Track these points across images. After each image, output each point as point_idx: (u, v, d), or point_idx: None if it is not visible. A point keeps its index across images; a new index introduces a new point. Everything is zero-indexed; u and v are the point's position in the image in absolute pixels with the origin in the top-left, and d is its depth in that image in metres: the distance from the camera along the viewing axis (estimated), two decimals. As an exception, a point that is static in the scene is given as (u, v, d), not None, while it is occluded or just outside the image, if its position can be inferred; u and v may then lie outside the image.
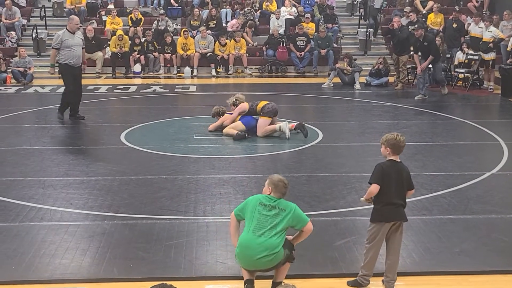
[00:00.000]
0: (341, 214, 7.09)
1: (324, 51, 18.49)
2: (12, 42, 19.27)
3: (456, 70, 16.57)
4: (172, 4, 21.02)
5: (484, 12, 19.85)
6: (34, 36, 19.27)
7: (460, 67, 16.52)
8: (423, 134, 11.11)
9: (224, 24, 20.01)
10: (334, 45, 19.17)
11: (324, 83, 16.67)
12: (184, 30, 19.04)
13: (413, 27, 16.30)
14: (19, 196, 7.66)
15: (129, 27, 19.67)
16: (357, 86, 16.22)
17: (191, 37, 19.00)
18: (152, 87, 16.48)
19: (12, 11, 19.79)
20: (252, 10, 20.54)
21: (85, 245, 6.21)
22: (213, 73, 18.61)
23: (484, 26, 16.31)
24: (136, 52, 18.70)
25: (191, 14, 20.04)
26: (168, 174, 8.59)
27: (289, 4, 20.45)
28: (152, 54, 18.78)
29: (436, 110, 13.28)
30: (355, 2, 21.74)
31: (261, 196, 5.27)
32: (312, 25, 19.58)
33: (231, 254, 5.86)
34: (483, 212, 7.16)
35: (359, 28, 20.53)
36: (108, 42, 19.07)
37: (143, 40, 18.97)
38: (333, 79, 16.67)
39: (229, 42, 18.85)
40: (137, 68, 18.64)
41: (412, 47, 15.52)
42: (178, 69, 18.82)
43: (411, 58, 16.22)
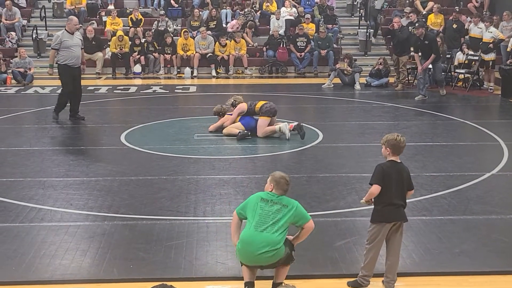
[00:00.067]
0: (341, 214, 7.10)
1: (324, 51, 18.48)
2: (12, 42, 19.27)
3: (456, 70, 16.56)
4: (172, 5, 21.01)
5: (484, 12, 19.86)
6: (34, 36, 19.26)
7: (460, 68, 16.51)
8: (423, 135, 11.11)
9: (224, 25, 20.00)
10: (334, 45, 19.17)
11: (324, 83, 16.67)
12: (184, 30, 19.04)
13: (414, 27, 16.29)
14: (19, 197, 7.66)
15: (129, 27, 19.67)
16: (357, 86, 16.22)
17: (191, 38, 19.01)
18: (152, 88, 16.47)
19: (12, 11, 19.78)
20: (252, 11, 20.54)
21: (85, 245, 6.21)
22: (213, 73, 18.61)
23: (484, 27, 16.30)
24: (136, 53, 18.70)
25: (191, 15, 20.04)
26: (168, 175, 8.59)
27: (289, 5, 20.45)
28: (152, 54, 18.77)
29: (436, 110, 13.28)
30: (355, 3, 21.74)
31: (262, 193, 5.27)
32: (312, 26, 19.58)
33: (231, 255, 5.87)
34: (483, 212, 7.17)
35: (359, 28, 20.53)
36: (108, 43, 19.07)
37: (143, 40, 18.97)
38: (333, 79, 16.67)
39: (229, 42, 18.85)
40: (137, 68, 18.63)
41: (412, 47, 15.50)
42: (178, 70, 18.82)
43: (411, 58, 16.21)
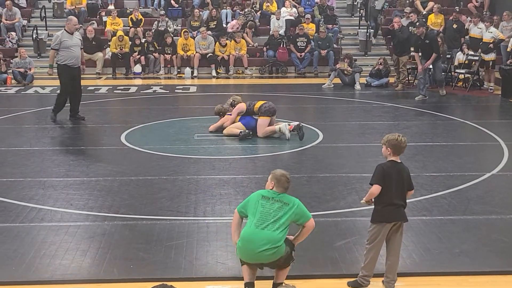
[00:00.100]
0: (341, 214, 7.10)
1: (325, 51, 18.48)
2: (12, 42, 19.27)
3: (456, 70, 16.55)
4: (173, 5, 21.00)
5: (484, 12, 19.86)
6: (34, 36, 19.26)
7: (460, 68, 16.50)
8: (423, 135, 11.11)
9: (224, 25, 20.01)
10: (335, 45, 19.17)
11: (324, 83, 16.67)
12: (185, 30, 19.04)
13: (414, 28, 16.29)
14: (19, 197, 7.66)
15: (129, 27, 19.67)
16: (357, 86, 16.22)
17: (192, 38, 19.01)
18: (152, 88, 16.47)
19: (13, 11, 19.78)
20: (252, 11, 20.53)
21: (86, 245, 6.22)
22: (214, 73, 18.60)
23: (484, 27, 16.30)
24: (137, 53, 18.70)
25: (192, 15, 20.04)
26: (168, 175, 8.59)
27: (289, 5, 20.45)
28: (152, 54, 18.77)
29: (436, 110, 13.28)
30: (356, 3, 21.74)
31: (263, 191, 5.26)
32: (312, 26, 19.57)
33: (231, 255, 5.87)
34: (483, 212, 7.17)
35: (359, 29, 20.53)
36: (109, 43, 19.06)
37: (143, 40, 18.96)
38: (334, 79, 16.67)
39: (230, 42, 18.85)
40: (138, 68, 18.63)
41: (413, 47, 15.49)
42: (179, 70, 18.81)
43: (411, 58, 16.21)
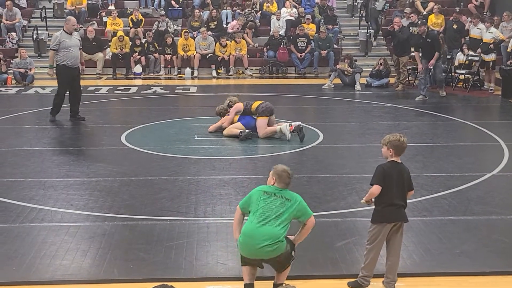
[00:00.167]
0: (341, 215, 7.10)
1: (325, 52, 18.48)
2: (12, 43, 19.27)
3: (457, 71, 16.55)
4: (173, 5, 21.02)
5: (485, 13, 19.86)
6: (34, 37, 19.26)
7: (460, 68, 16.50)
8: (423, 135, 11.11)
9: (224, 25, 20.01)
10: (335, 46, 19.18)
11: (324, 84, 16.68)
12: (185, 31, 19.05)
13: (415, 28, 16.28)
14: (19, 197, 7.66)
15: (129, 28, 19.68)
16: (357, 87, 16.22)
17: (192, 38, 19.01)
18: (152, 88, 16.47)
19: (13, 12, 19.78)
20: (252, 11, 20.53)
21: (86, 246, 6.22)
22: (214, 74, 18.61)
23: (485, 27, 16.30)
24: (137, 53, 18.70)
25: (192, 15, 20.04)
26: (168, 175, 8.59)
27: (289, 5, 20.46)
28: (152, 55, 18.78)
29: (437, 111, 13.28)
30: (356, 3, 21.74)
31: (265, 186, 5.25)
32: (312, 26, 19.58)
33: (231, 255, 5.87)
34: (484, 213, 7.16)
35: (359, 29, 20.53)
36: (109, 43, 19.08)
37: (143, 41, 18.96)
38: (334, 80, 16.68)
39: (230, 43, 18.85)
40: (138, 69, 18.64)
41: (413, 47, 15.46)
42: (179, 70, 18.82)
43: (412, 59, 16.21)
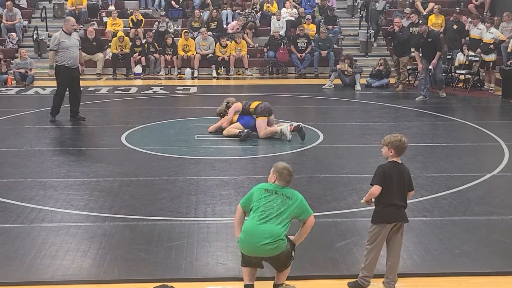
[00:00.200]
0: (341, 215, 7.10)
1: (325, 52, 18.48)
2: (13, 43, 19.28)
3: (457, 71, 16.54)
4: (173, 6, 21.02)
5: (485, 13, 19.86)
6: (35, 37, 19.27)
7: (460, 69, 16.50)
8: (423, 136, 11.11)
9: (224, 26, 20.02)
10: (335, 46, 19.18)
11: (324, 84, 16.68)
12: (185, 31, 19.05)
13: (415, 28, 16.27)
14: (20, 198, 7.66)
15: (129, 28, 19.69)
16: (357, 87, 16.22)
17: (192, 39, 19.01)
18: (152, 89, 16.47)
19: (13, 12, 19.78)
20: (252, 12, 20.53)
21: (86, 246, 6.22)
22: (214, 74, 18.61)
23: (485, 28, 16.30)
24: (137, 54, 18.70)
25: (192, 16, 20.05)
26: (168, 176, 8.59)
27: (289, 6, 20.46)
28: (152, 55, 18.78)
29: (437, 111, 13.28)
30: (356, 4, 21.74)
31: (266, 184, 5.24)
32: (312, 27, 19.58)
33: (231, 256, 5.88)
34: (484, 213, 7.16)
35: (359, 29, 20.53)
36: (109, 44, 19.08)
37: (143, 41, 18.97)
38: (334, 80, 16.68)
39: (230, 43, 18.85)
40: (138, 69, 18.64)
41: (414, 47, 15.45)
42: (179, 71, 18.82)
43: (412, 59, 16.20)
